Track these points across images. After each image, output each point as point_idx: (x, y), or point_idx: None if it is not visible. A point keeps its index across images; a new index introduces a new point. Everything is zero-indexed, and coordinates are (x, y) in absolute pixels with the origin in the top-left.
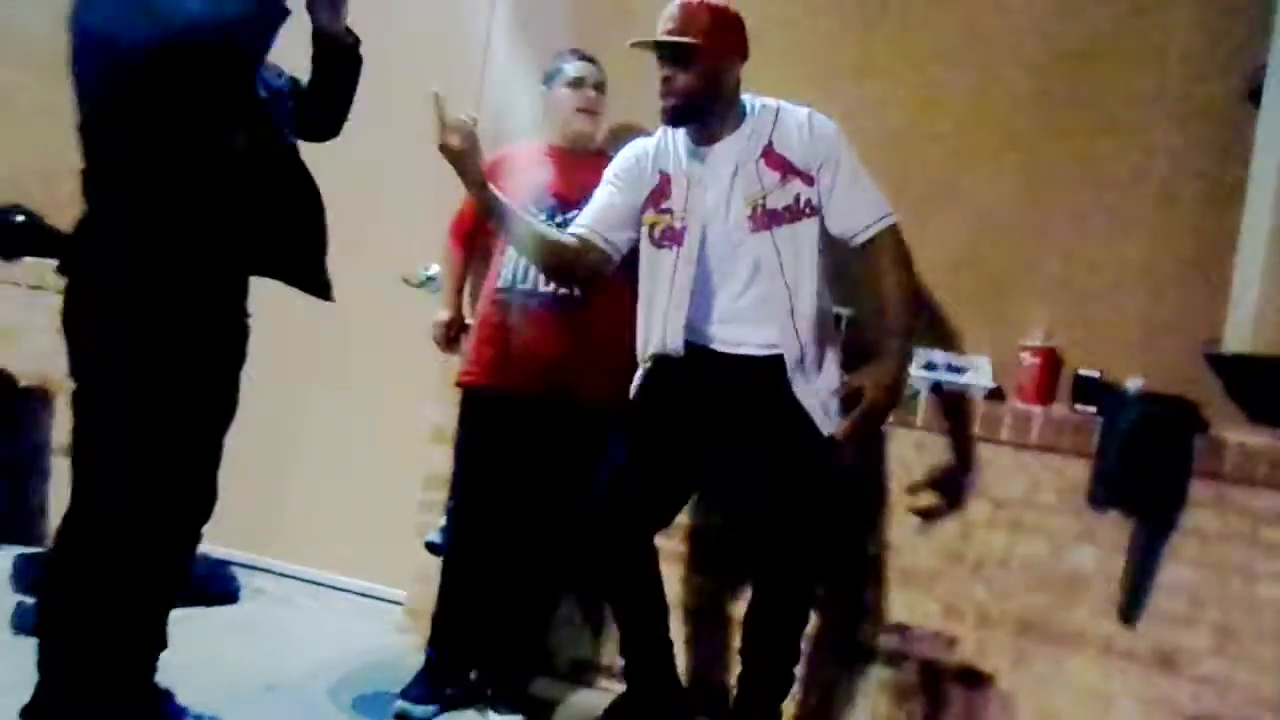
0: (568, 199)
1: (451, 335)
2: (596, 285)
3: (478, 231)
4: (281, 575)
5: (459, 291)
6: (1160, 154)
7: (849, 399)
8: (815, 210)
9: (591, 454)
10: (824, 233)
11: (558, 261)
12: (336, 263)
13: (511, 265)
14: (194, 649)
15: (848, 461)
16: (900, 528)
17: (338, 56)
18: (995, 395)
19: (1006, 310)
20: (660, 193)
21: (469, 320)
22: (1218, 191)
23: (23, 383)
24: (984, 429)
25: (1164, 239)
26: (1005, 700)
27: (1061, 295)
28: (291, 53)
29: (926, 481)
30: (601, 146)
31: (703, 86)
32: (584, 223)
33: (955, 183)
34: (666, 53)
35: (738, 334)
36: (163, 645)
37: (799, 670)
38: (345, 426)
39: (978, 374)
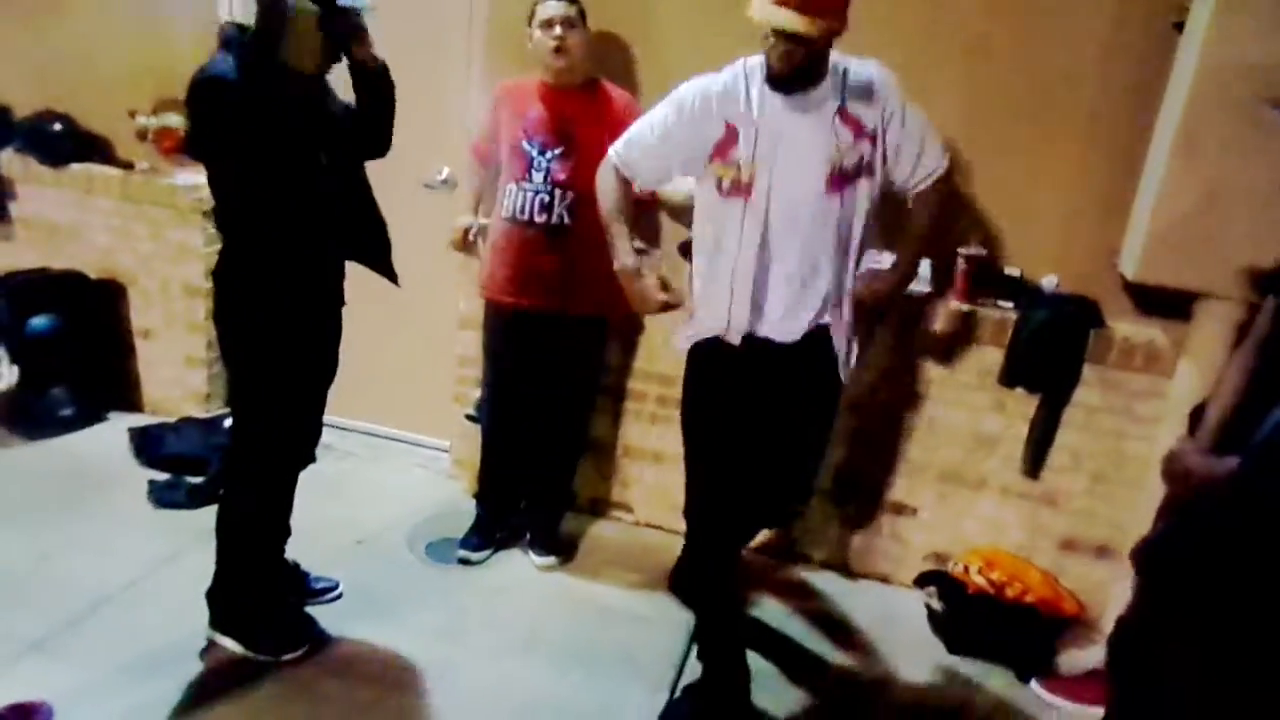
0: (553, 132)
1: (469, 239)
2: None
3: (494, 153)
4: (346, 431)
5: (478, 199)
6: (1089, 85)
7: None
8: (873, 171)
9: (585, 354)
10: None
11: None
12: (378, 173)
13: (512, 199)
14: (294, 512)
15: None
16: (850, 404)
17: (372, 81)
18: (935, 295)
19: (950, 218)
20: (727, 143)
21: (483, 221)
22: (1136, 125)
23: (93, 276)
24: (921, 323)
25: (1087, 161)
26: (926, 527)
27: (997, 206)
28: None
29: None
30: (588, 75)
31: (814, 59)
32: (632, 167)
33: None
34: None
35: (794, 321)
36: (289, 533)
37: None
38: (391, 311)
39: (918, 280)
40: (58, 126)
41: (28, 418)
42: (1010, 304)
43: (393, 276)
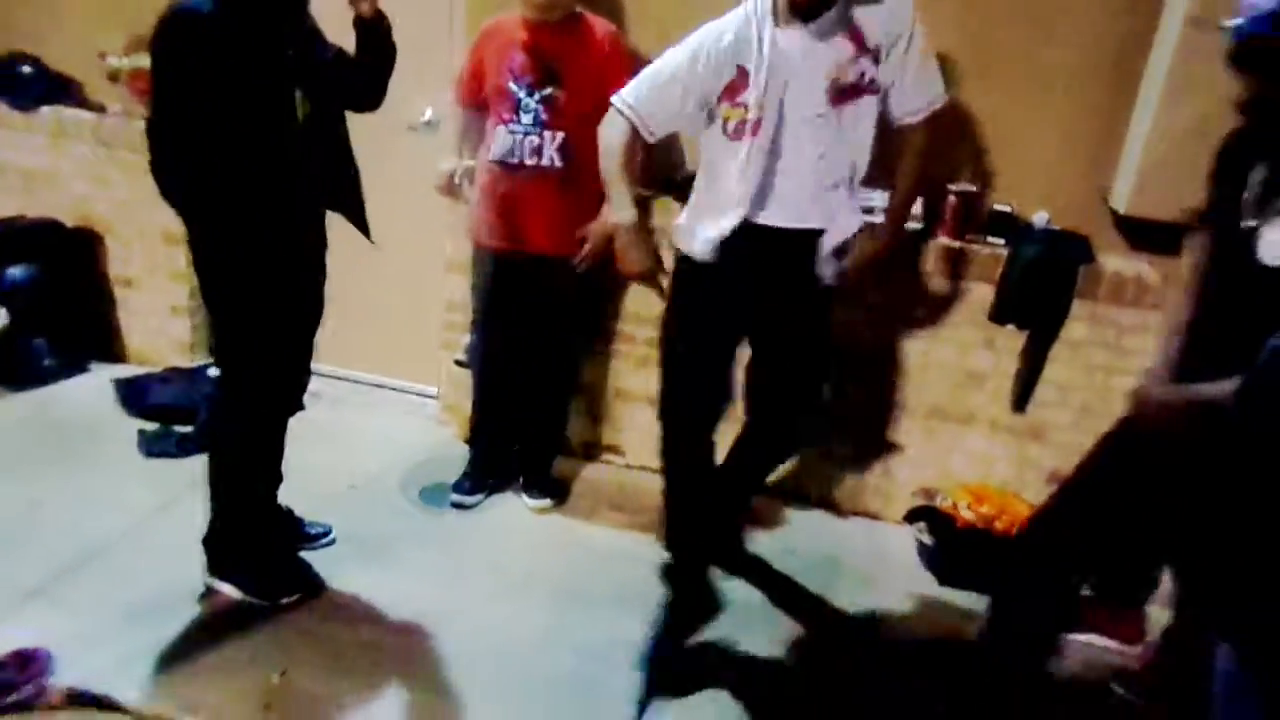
0: (540, 71)
1: (454, 182)
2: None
3: (476, 92)
4: (334, 379)
5: (462, 142)
6: (1083, 15)
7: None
8: (876, 88)
9: (574, 297)
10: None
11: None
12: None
13: (501, 141)
14: (289, 460)
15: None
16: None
17: (375, 38)
18: (925, 231)
19: (941, 154)
20: (737, 85)
21: (469, 161)
22: (1128, 57)
23: (70, 224)
24: (911, 261)
25: (1079, 95)
26: (915, 463)
27: (988, 142)
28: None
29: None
30: (569, 9)
31: None
32: (645, 117)
33: None
34: None
35: (794, 213)
36: (281, 480)
37: None
38: (378, 257)
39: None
40: (27, 69)
41: (9, 368)
42: (1000, 240)
43: (366, 231)
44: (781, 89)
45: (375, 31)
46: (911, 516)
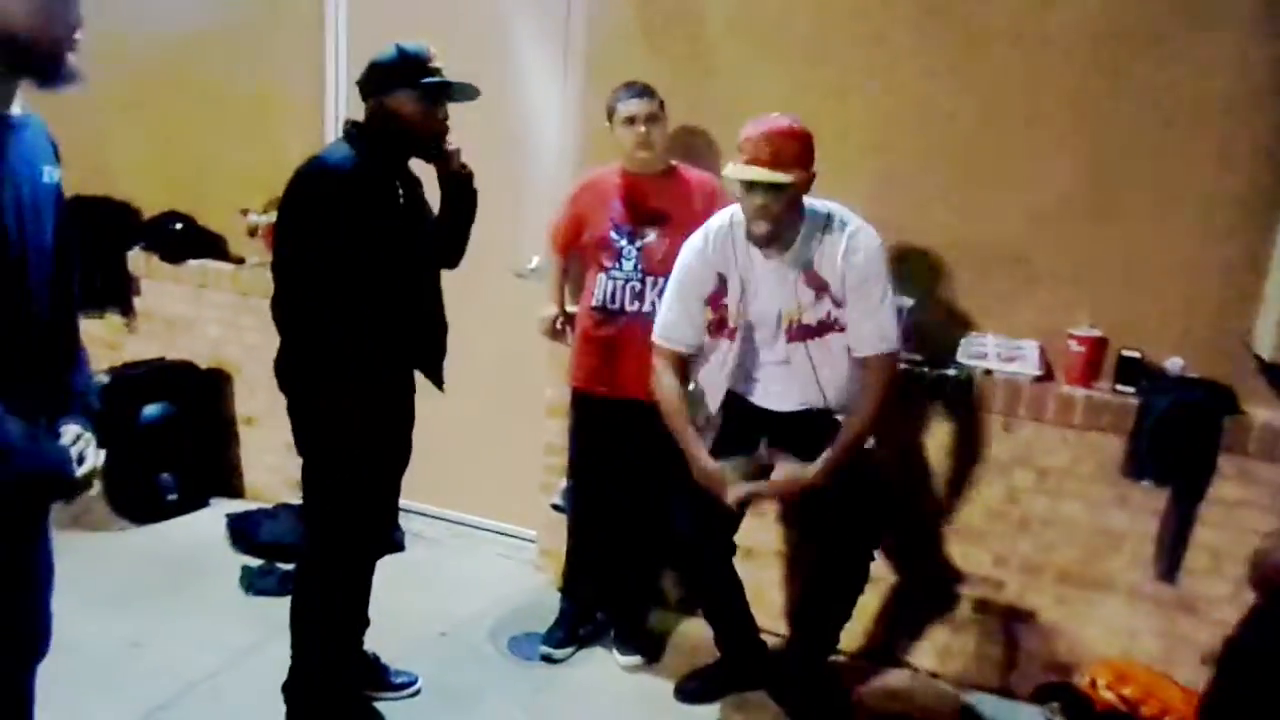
0: (639, 219)
1: (556, 328)
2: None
3: (573, 240)
4: (434, 519)
5: (561, 289)
6: (1208, 153)
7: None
8: (842, 328)
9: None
10: None
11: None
12: (471, 260)
13: (602, 288)
14: (379, 601)
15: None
16: (955, 494)
17: (458, 192)
18: (1044, 377)
19: (1058, 294)
20: (718, 294)
21: (570, 309)
22: (1264, 188)
23: (203, 366)
24: (1030, 410)
25: (1208, 232)
26: (1046, 633)
27: (1110, 280)
28: None
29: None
30: (667, 162)
31: (790, 210)
32: (676, 338)
33: (1011, 176)
34: (763, 185)
35: (778, 402)
36: (367, 624)
37: (874, 606)
38: (480, 398)
39: (1024, 362)
40: (179, 226)
41: (135, 503)
42: (1131, 389)
43: (439, 383)
44: (750, 301)
45: (462, 186)
46: (1042, 695)
